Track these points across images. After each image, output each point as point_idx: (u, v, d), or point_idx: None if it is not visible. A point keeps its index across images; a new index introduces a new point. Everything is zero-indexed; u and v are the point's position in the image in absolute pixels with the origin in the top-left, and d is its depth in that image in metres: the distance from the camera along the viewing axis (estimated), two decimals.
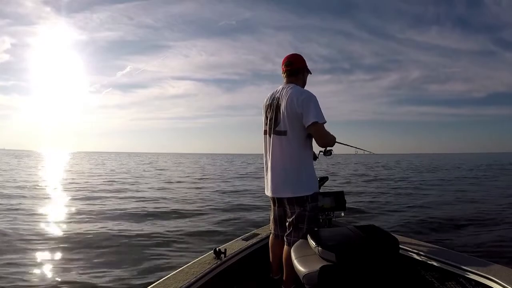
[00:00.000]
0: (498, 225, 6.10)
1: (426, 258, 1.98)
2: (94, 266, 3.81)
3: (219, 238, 4.99)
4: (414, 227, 5.94)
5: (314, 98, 1.99)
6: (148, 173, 21.44)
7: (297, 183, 2.02)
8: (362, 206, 7.97)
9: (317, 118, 1.93)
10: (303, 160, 2.05)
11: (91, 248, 4.46)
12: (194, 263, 2.02)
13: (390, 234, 1.90)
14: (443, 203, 8.68)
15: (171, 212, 7.21)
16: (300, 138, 2.02)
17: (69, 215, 6.86)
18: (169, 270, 2.20)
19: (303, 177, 2.03)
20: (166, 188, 12.37)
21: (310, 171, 2.08)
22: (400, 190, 11.71)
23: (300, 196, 2.02)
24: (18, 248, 4.43)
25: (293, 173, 2.02)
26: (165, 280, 1.79)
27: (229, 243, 2.40)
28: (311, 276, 1.69)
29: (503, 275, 1.63)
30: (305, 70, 2.18)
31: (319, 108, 1.97)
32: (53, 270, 3.74)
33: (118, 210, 7.37)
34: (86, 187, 12.13)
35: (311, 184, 2.06)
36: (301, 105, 1.96)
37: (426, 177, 17.89)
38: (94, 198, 9.23)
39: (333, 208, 2.56)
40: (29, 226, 5.66)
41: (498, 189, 12.42)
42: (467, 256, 1.95)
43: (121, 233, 5.28)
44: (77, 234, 5.18)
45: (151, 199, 9.26)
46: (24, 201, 8.39)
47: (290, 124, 2.01)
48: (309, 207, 2.03)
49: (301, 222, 2.03)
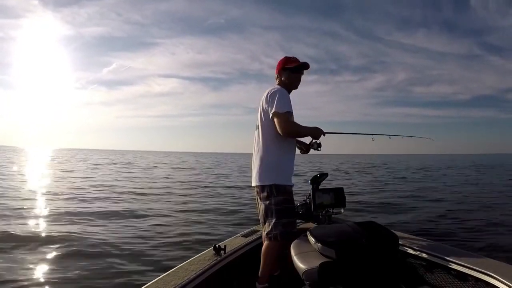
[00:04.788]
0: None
1: (425, 255, 1.99)
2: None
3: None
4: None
5: (281, 92, 2.09)
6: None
7: (261, 172, 2.10)
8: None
9: (277, 108, 2.02)
10: (271, 151, 2.10)
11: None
12: (194, 260, 2.03)
13: (390, 231, 1.91)
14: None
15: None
16: (269, 131, 2.09)
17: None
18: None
19: (268, 168, 2.09)
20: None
21: (278, 163, 2.10)
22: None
23: (260, 185, 2.09)
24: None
25: (260, 163, 2.11)
26: (165, 276, 1.79)
27: (229, 240, 2.41)
28: (310, 272, 1.70)
29: (503, 272, 1.64)
30: (287, 71, 2.21)
31: (283, 100, 2.04)
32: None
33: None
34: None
35: (273, 175, 2.07)
36: (268, 101, 2.08)
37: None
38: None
39: (333, 205, 2.56)
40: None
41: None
42: (467, 253, 1.95)
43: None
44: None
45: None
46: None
47: (261, 119, 2.14)
48: (274, 200, 2.05)
49: (270, 216, 2.07)
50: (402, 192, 11.01)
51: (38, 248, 4.30)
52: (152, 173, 19.94)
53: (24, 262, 3.83)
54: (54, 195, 9.03)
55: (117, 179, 14.75)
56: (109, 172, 19.06)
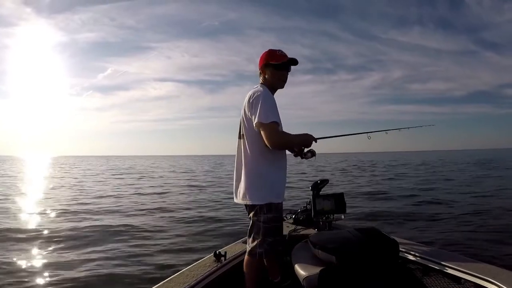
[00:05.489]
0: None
1: (426, 261, 1.98)
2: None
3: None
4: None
5: (264, 96, 1.81)
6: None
7: (251, 190, 1.87)
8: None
9: (260, 118, 1.75)
10: (259, 167, 1.86)
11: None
12: (195, 266, 2.03)
13: (391, 237, 1.91)
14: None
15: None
16: (256, 141, 1.84)
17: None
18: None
19: (257, 185, 1.86)
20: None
21: (267, 178, 1.87)
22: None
23: (252, 204, 1.88)
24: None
25: (248, 179, 1.88)
26: (166, 282, 1.79)
27: (229, 246, 2.41)
28: (311, 279, 1.70)
29: (503, 277, 1.64)
30: (270, 66, 1.93)
31: (266, 107, 1.78)
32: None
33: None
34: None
35: (264, 194, 1.86)
36: (251, 107, 1.83)
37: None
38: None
39: (333, 211, 2.56)
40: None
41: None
42: (467, 259, 1.95)
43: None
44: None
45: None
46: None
47: (245, 127, 1.89)
48: (263, 218, 1.85)
49: (256, 233, 1.88)
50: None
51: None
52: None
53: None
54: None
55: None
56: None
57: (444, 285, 1.88)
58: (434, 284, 1.92)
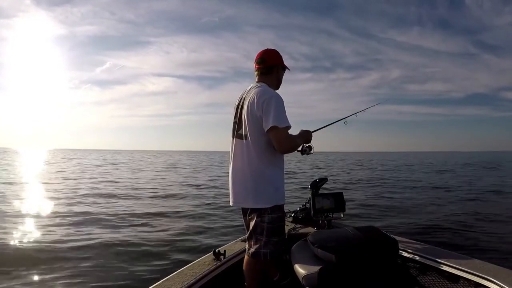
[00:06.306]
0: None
1: (425, 260, 1.98)
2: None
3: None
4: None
5: (277, 99, 1.79)
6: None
7: (256, 193, 1.83)
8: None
9: (277, 122, 1.73)
10: (265, 169, 1.83)
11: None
12: (194, 264, 2.02)
13: (390, 236, 1.91)
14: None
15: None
16: (261, 143, 1.81)
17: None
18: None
19: (262, 187, 1.83)
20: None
21: (272, 180, 1.86)
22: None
23: (257, 208, 1.85)
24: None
25: (252, 182, 1.84)
26: (165, 281, 1.79)
27: (228, 244, 2.40)
28: (310, 277, 1.70)
29: (503, 276, 1.64)
30: (280, 67, 1.99)
31: (281, 111, 1.77)
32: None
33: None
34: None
35: (271, 196, 1.84)
36: (261, 108, 1.77)
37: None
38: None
39: (333, 209, 2.56)
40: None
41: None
42: (467, 257, 1.95)
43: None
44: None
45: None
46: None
47: (250, 127, 1.83)
48: (267, 218, 1.82)
49: (260, 234, 1.84)
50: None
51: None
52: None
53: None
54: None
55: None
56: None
57: (443, 283, 1.88)
58: (433, 282, 1.92)
